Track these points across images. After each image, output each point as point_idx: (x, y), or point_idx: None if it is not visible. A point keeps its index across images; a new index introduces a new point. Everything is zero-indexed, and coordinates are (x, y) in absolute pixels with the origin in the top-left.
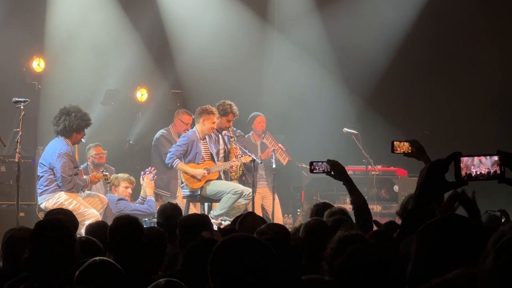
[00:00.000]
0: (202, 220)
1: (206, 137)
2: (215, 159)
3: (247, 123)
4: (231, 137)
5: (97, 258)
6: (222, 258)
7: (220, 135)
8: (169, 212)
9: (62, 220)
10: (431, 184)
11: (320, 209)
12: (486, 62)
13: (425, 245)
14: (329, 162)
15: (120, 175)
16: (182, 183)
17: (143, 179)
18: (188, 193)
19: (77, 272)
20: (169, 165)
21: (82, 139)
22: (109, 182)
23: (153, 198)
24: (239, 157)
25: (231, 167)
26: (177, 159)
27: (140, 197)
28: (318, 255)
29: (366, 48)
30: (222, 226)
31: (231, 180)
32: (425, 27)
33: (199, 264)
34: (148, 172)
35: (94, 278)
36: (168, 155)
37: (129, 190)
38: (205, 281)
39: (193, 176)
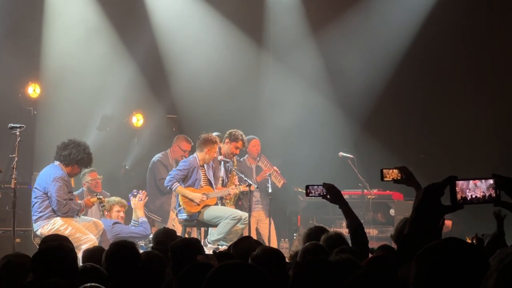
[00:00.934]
0: (193, 244)
1: (204, 165)
2: (213, 186)
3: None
4: (232, 168)
5: (88, 284)
6: (216, 284)
7: (222, 162)
8: (160, 237)
9: (65, 245)
10: (427, 208)
11: (312, 233)
12: (482, 88)
13: (424, 270)
14: (325, 185)
15: (111, 198)
16: (179, 206)
17: (132, 200)
18: (185, 217)
19: None
20: (168, 188)
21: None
22: (104, 206)
23: (145, 219)
24: (238, 185)
25: (229, 194)
26: (177, 183)
27: (132, 221)
28: None
29: (361, 72)
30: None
31: (224, 205)
32: (419, 52)
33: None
34: (135, 193)
35: None
36: (168, 177)
37: (122, 214)
38: None
39: (191, 200)
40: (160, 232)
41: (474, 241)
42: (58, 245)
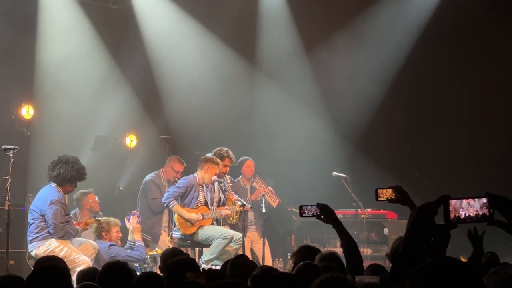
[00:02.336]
0: (189, 263)
1: (203, 185)
2: (209, 207)
3: (236, 168)
4: (226, 189)
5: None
6: None
7: (216, 183)
8: (168, 258)
9: (58, 266)
10: (421, 228)
11: (300, 251)
12: (477, 107)
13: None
14: (318, 205)
15: (111, 219)
16: (174, 226)
17: (129, 222)
18: (180, 236)
19: None
20: (165, 205)
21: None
22: (102, 227)
23: (142, 243)
24: (233, 205)
25: (226, 214)
26: (174, 201)
27: (128, 241)
28: None
29: (354, 91)
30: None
31: (224, 224)
32: (412, 71)
33: None
34: (133, 215)
35: None
36: (166, 194)
37: (120, 234)
38: None
39: (187, 221)
40: (168, 253)
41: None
42: (52, 266)
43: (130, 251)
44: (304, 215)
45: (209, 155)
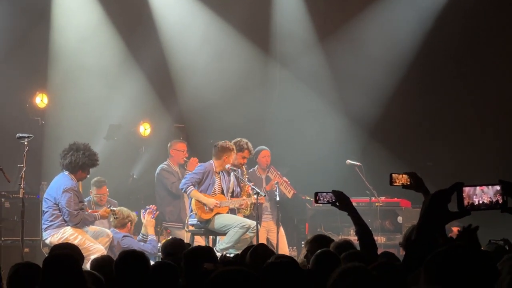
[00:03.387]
0: (206, 252)
1: (220, 172)
2: (226, 195)
3: (252, 157)
4: (242, 178)
5: None
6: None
7: (232, 174)
8: (168, 249)
9: (71, 254)
10: (434, 215)
11: (318, 242)
12: (491, 95)
13: (434, 275)
14: (334, 193)
15: (126, 210)
16: (191, 211)
17: (143, 217)
18: (196, 222)
19: None
20: (183, 191)
21: (88, 176)
22: (117, 217)
23: (154, 238)
24: (253, 194)
25: (241, 205)
26: (192, 186)
27: (141, 234)
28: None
29: (368, 80)
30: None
31: (238, 213)
32: (427, 59)
33: None
34: (149, 210)
35: None
36: (183, 181)
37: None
38: None
39: (204, 205)
40: (168, 244)
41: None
42: (68, 253)
43: (143, 243)
44: (319, 202)
45: (219, 142)
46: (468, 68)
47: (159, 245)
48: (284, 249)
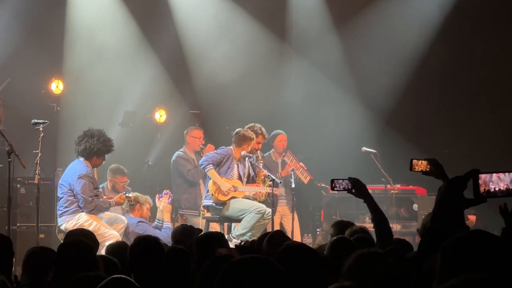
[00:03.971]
0: (218, 238)
1: (239, 160)
2: (243, 182)
3: (268, 141)
4: (257, 164)
5: (116, 276)
6: (230, 278)
7: (246, 159)
8: (178, 237)
9: (85, 241)
10: (450, 202)
11: (339, 227)
12: (505, 82)
13: (450, 262)
14: (350, 180)
15: (142, 196)
16: (207, 191)
17: (160, 202)
18: (211, 203)
19: None
20: (201, 167)
21: (103, 162)
22: (132, 204)
23: (170, 225)
24: (268, 179)
25: (255, 193)
26: (211, 165)
27: (156, 219)
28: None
29: (384, 67)
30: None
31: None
32: (443, 46)
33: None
34: (165, 194)
35: None
36: (204, 158)
37: (149, 213)
38: None
39: (219, 186)
40: (178, 231)
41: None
42: (82, 240)
43: (158, 231)
44: (335, 189)
45: (241, 130)
46: (484, 56)
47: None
48: (297, 235)
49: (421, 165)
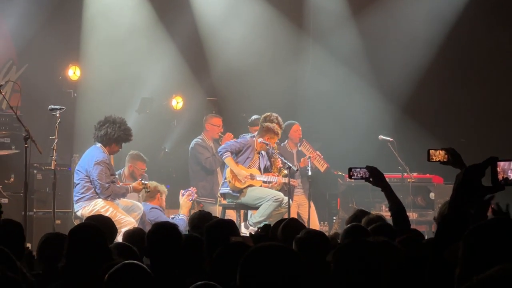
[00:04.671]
0: (228, 226)
1: (260, 152)
2: (261, 172)
3: (283, 132)
4: (273, 151)
5: (127, 261)
6: (253, 264)
7: (269, 149)
8: (196, 222)
9: (96, 225)
10: (467, 189)
11: (358, 216)
12: None
13: (473, 249)
14: (368, 168)
15: (150, 182)
16: (225, 179)
17: (182, 196)
18: (228, 190)
19: (107, 274)
20: (219, 154)
21: (119, 150)
22: (148, 191)
23: (184, 218)
24: (284, 169)
25: (275, 183)
26: (229, 152)
27: (178, 214)
28: None
29: (401, 55)
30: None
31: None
32: (461, 34)
33: (230, 267)
34: (189, 192)
35: (123, 281)
36: (222, 146)
37: (163, 199)
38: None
39: (236, 175)
40: (195, 217)
41: None
42: (93, 224)
43: (171, 219)
44: (353, 177)
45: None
46: (504, 44)
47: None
48: (314, 223)
49: (439, 155)
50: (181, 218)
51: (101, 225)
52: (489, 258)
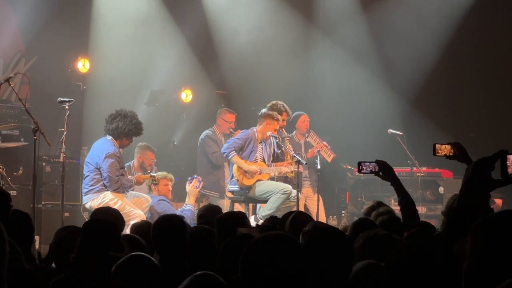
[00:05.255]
0: (240, 218)
1: (262, 142)
2: (266, 163)
3: (290, 123)
4: (283, 144)
5: (134, 253)
6: (255, 254)
7: (271, 138)
8: (204, 213)
9: (110, 220)
10: (477, 182)
11: (375, 208)
12: None
13: (482, 242)
14: (377, 162)
15: (158, 173)
16: (232, 178)
17: (189, 184)
18: (237, 188)
19: (114, 266)
20: (225, 155)
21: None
22: (156, 183)
23: (192, 208)
24: (293, 162)
25: (281, 173)
26: (234, 151)
27: (184, 204)
28: None
29: (411, 49)
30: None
31: (279, 180)
32: (472, 28)
33: (236, 259)
34: (195, 179)
35: (131, 273)
36: (225, 145)
37: (169, 187)
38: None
39: (245, 172)
40: (204, 209)
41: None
42: (107, 219)
43: (180, 212)
44: (362, 171)
45: (265, 110)
46: None
47: (195, 213)
48: (322, 217)
49: (445, 149)
50: (188, 208)
51: (108, 218)
52: (497, 251)
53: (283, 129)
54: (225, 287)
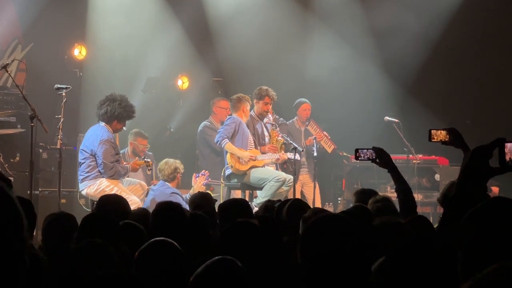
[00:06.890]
0: (242, 205)
1: (248, 123)
2: (259, 148)
3: (292, 108)
4: (273, 124)
5: (158, 238)
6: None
7: (262, 123)
8: (197, 202)
9: (108, 218)
10: (475, 170)
11: (360, 194)
12: None
13: (473, 231)
14: (374, 149)
15: (178, 162)
16: (226, 164)
17: (196, 180)
18: (231, 173)
19: (137, 252)
20: (218, 144)
21: (124, 128)
22: (150, 169)
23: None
24: (279, 140)
25: (277, 159)
26: (226, 139)
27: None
28: None
29: (407, 35)
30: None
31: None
32: (468, 15)
33: (236, 245)
34: (202, 175)
35: (154, 258)
36: (218, 135)
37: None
38: (242, 263)
39: (239, 158)
40: (196, 197)
41: None
42: (107, 215)
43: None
44: (359, 158)
45: (236, 95)
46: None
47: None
48: (318, 203)
49: (440, 135)
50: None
51: (114, 205)
52: (488, 240)
53: (268, 113)
54: (245, 271)
